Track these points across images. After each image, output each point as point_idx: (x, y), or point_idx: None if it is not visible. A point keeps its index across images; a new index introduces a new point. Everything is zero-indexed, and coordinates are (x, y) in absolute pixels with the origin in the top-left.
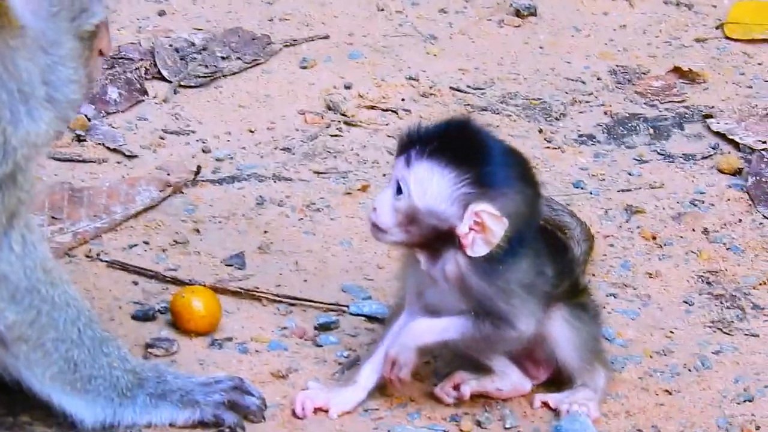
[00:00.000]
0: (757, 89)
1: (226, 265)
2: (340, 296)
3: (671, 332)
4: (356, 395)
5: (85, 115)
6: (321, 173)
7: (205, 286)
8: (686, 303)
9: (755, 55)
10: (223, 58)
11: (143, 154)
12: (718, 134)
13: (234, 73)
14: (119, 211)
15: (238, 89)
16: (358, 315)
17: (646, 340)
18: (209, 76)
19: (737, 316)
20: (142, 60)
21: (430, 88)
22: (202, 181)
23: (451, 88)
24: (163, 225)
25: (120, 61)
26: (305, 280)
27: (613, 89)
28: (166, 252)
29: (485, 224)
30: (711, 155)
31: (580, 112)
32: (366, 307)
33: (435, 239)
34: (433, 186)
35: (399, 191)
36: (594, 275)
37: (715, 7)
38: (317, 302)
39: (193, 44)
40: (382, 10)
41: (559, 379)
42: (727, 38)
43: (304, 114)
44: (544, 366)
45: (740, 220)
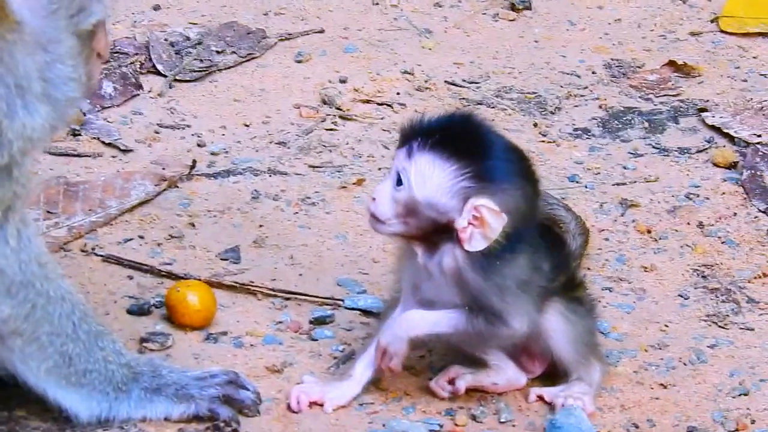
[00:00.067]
0: (752, 83)
1: (221, 259)
2: (335, 290)
3: (666, 326)
4: (351, 389)
5: (80, 110)
6: (316, 167)
7: (200, 280)
8: (681, 297)
9: (750, 48)
10: (218, 52)
11: (138, 149)
12: (713, 128)
13: (229, 68)
14: (114, 205)
15: (233, 83)
16: (353, 309)
17: (641, 333)
18: (204, 71)
19: (732, 309)
20: (137, 54)
21: (425, 82)
22: (197, 175)
23: (446, 82)
24: (158, 219)
25: (115, 55)
26: (300, 274)
27: (608, 83)
28: (161, 246)
29: (484, 219)
30: (706, 149)
31: (575, 106)
32: (361, 301)
33: (433, 232)
34: (434, 178)
35: (399, 182)
36: (589, 269)
37: (709, 0)
38: (312, 296)
39: (188, 38)
40: (377, 3)
41: (554, 373)
42: (722, 32)
43: (299, 108)
44: (540, 360)
45: (735, 214)
